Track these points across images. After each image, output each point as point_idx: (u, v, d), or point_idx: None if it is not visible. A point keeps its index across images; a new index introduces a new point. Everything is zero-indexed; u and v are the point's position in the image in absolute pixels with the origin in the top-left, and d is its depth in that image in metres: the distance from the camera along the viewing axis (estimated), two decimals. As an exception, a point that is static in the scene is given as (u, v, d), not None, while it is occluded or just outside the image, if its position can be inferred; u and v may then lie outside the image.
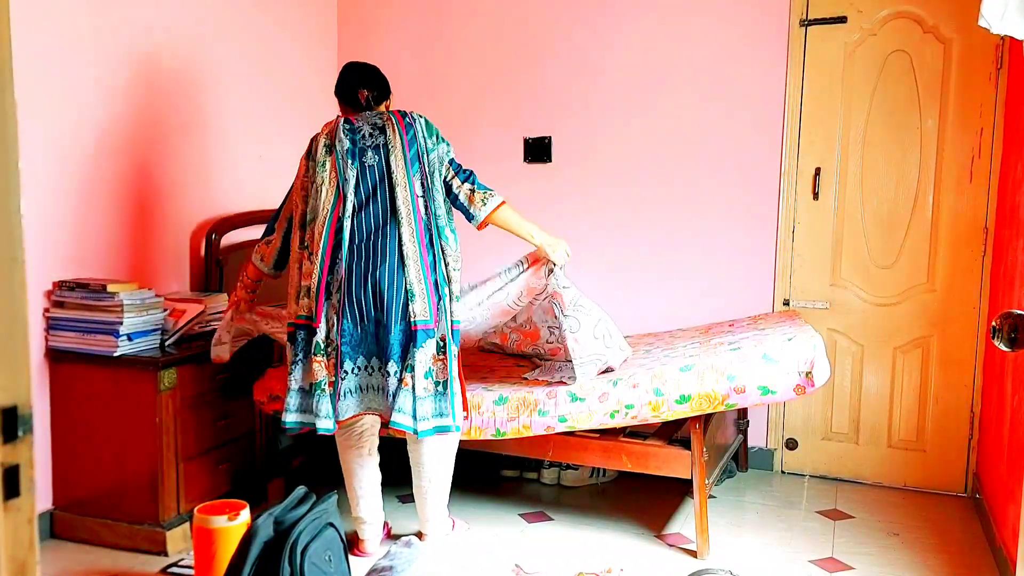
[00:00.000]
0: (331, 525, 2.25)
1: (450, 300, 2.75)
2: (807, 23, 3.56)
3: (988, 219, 3.38)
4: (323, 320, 2.63)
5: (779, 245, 3.67)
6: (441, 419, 2.67)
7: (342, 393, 2.65)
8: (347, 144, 2.69)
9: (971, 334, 3.45)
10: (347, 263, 2.63)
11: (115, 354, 2.82)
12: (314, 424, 2.65)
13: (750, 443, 3.78)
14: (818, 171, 3.59)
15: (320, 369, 2.63)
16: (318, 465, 3.65)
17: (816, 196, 3.60)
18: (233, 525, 2.46)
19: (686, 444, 2.92)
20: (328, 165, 2.69)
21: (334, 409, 2.63)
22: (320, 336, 2.63)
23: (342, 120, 2.76)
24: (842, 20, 3.50)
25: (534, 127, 4.04)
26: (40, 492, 2.91)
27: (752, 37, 3.65)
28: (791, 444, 3.74)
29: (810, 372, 2.70)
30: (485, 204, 2.79)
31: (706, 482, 2.89)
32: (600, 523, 3.19)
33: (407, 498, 3.42)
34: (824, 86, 3.56)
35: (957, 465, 3.51)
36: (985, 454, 3.31)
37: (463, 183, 2.79)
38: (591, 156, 3.96)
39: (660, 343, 3.39)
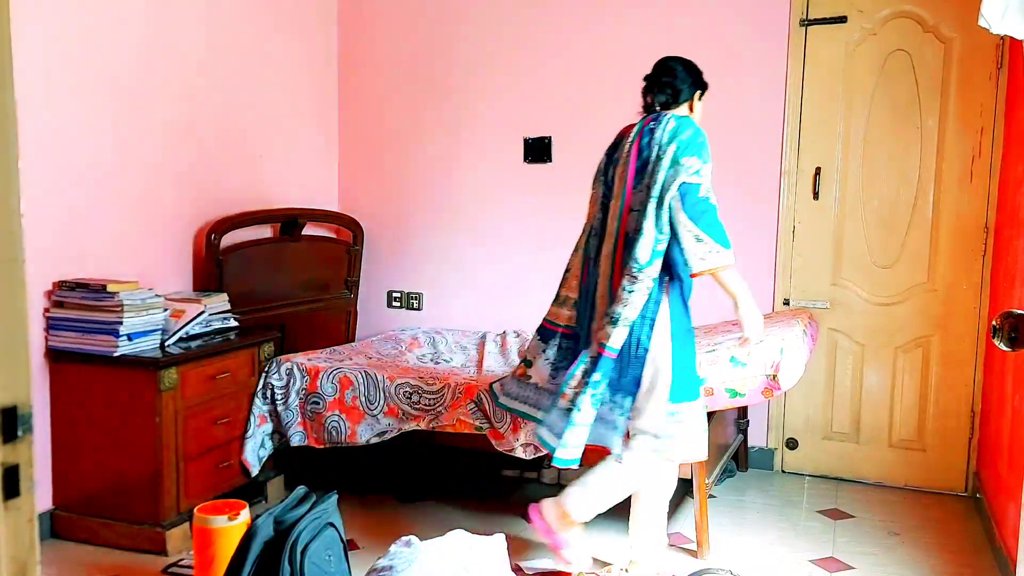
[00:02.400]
0: (331, 525, 2.25)
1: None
2: (807, 23, 3.56)
3: (988, 219, 3.38)
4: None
5: (779, 245, 3.67)
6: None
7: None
8: (614, 155, 2.66)
9: (971, 334, 3.45)
10: (580, 280, 2.60)
11: (115, 354, 2.82)
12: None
13: (750, 443, 3.78)
14: (818, 171, 3.59)
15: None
16: (318, 465, 3.65)
17: (816, 196, 3.60)
18: (233, 525, 2.46)
19: (686, 444, 2.92)
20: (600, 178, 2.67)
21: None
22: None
23: (635, 126, 2.63)
24: (842, 20, 3.50)
25: (534, 127, 4.04)
26: (40, 492, 2.91)
27: (752, 37, 3.64)
28: (791, 444, 3.74)
29: (775, 375, 2.70)
30: (704, 260, 2.36)
31: (706, 482, 2.89)
32: (600, 523, 3.18)
33: (407, 498, 3.42)
34: (824, 86, 3.56)
35: (957, 465, 3.51)
36: (985, 453, 3.31)
37: (690, 225, 2.35)
38: (591, 156, 3.95)
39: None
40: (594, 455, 2.57)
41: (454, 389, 3.03)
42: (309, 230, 3.99)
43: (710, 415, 2.94)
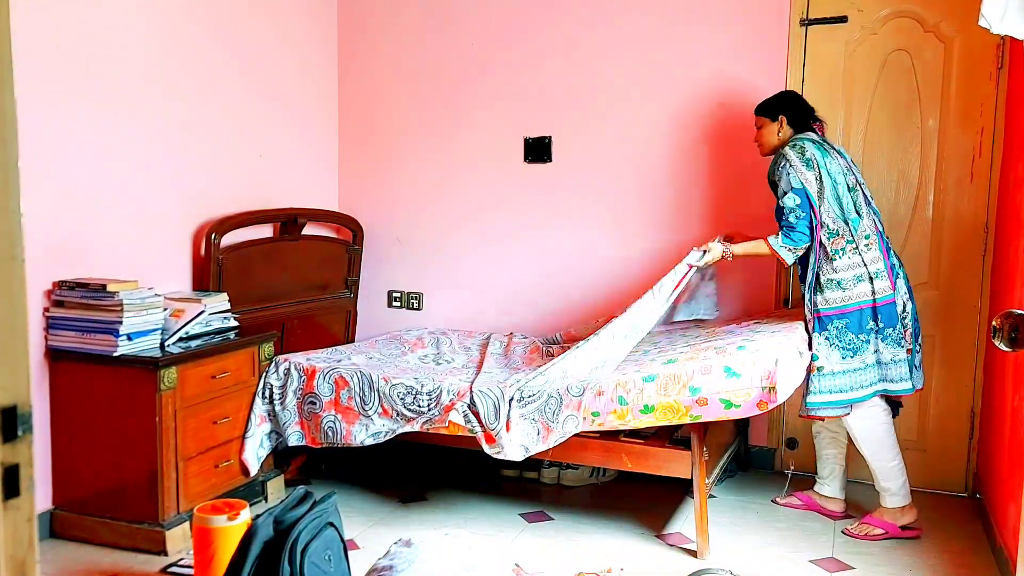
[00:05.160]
0: (331, 525, 2.25)
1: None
2: (807, 23, 3.56)
3: (989, 218, 3.38)
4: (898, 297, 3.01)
5: (779, 245, 3.67)
6: None
7: (917, 364, 3.06)
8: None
9: (971, 334, 3.45)
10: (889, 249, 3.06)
11: (115, 354, 2.82)
12: (888, 390, 2.99)
13: (750, 442, 3.78)
14: (818, 171, 3.58)
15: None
16: (318, 465, 3.65)
17: (816, 196, 3.60)
18: (233, 525, 2.46)
19: (686, 444, 2.92)
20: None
21: (911, 375, 2.99)
22: (898, 309, 2.99)
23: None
24: (843, 20, 3.50)
25: (534, 127, 4.04)
26: (40, 491, 2.91)
27: (752, 37, 3.64)
28: (791, 444, 3.74)
29: (772, 387, 2.70)
30: None
31: (706, 482, 2.89)
32: (600, 523, 3.19)
33: (407, 498, 3.43)
34: (824, 86, 3.56)
35: (957, 465, 3.51)
36: (985, 454, 3.30)
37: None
38: (591, 156, 3.96)
39: (663, 341, 3.39)
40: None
41: (448, 391, 3.03)
42: (309, 230, 3.99)
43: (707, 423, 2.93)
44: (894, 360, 2.96)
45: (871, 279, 2.95)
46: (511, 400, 2.93)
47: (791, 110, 3.14)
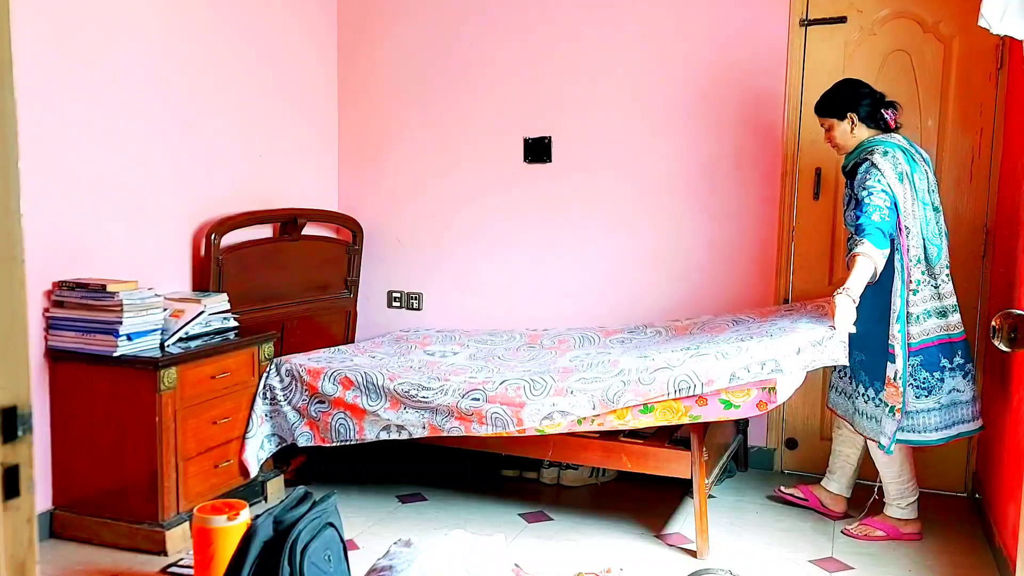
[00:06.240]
0: (331, 525, 2.25)
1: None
2: (807, 23, 3.56)
3: (988, 219, 3.38)
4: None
5: (779, 245, 3.67)
6: None
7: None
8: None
9: (971, 334, 3.44)
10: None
11: (115, 354, 2.82)
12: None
13: (750, 443, 3.78)
14: (818, 171, 3.59)
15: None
16: (318, 465, 3.65)
17: (816, 196, 3.60)
18: (233, 525, 2.46)
19: (686, 444, 2.92)
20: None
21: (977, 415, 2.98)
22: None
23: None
24: (842, 20, 3.50)
25: (534, 127, 4.04)
26: (40, 492, 2.91)
27: (752, 37, 3.64)
28: (791, 444, 3.74)
29: (772, 388, 2.70)
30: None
31: (706, 482, 2.89)
32: (600, 523, 3.19)
33: (407, 498, 3.43)
34: (824, 86, 3.54)
35: (957, 465, 3.50)
36: (985, 454, 3.30)
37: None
38: (591, 156, 3.96)
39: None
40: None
41: (454, 389, 3.03)
42: (309, 230, 3.99)
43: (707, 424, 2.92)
44: (965, 400, 2.92)
45: (945, 313, 2.88)
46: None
47: (858, 105, 2.95)
